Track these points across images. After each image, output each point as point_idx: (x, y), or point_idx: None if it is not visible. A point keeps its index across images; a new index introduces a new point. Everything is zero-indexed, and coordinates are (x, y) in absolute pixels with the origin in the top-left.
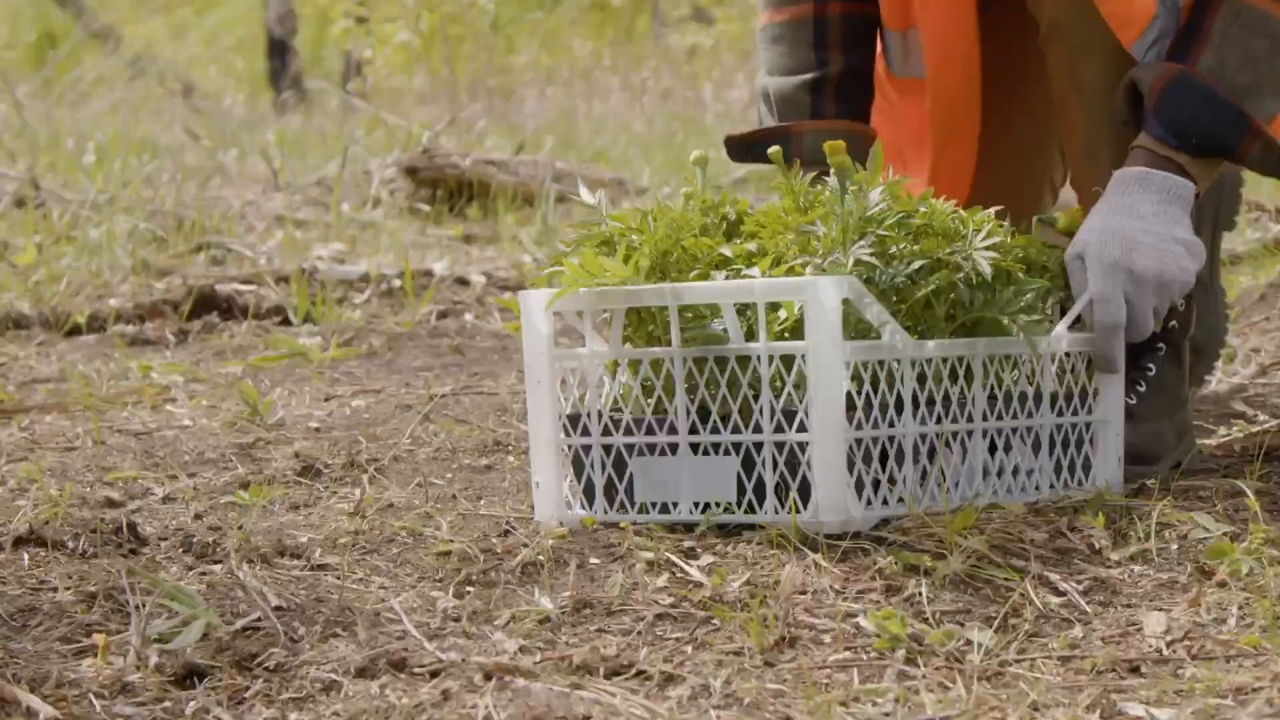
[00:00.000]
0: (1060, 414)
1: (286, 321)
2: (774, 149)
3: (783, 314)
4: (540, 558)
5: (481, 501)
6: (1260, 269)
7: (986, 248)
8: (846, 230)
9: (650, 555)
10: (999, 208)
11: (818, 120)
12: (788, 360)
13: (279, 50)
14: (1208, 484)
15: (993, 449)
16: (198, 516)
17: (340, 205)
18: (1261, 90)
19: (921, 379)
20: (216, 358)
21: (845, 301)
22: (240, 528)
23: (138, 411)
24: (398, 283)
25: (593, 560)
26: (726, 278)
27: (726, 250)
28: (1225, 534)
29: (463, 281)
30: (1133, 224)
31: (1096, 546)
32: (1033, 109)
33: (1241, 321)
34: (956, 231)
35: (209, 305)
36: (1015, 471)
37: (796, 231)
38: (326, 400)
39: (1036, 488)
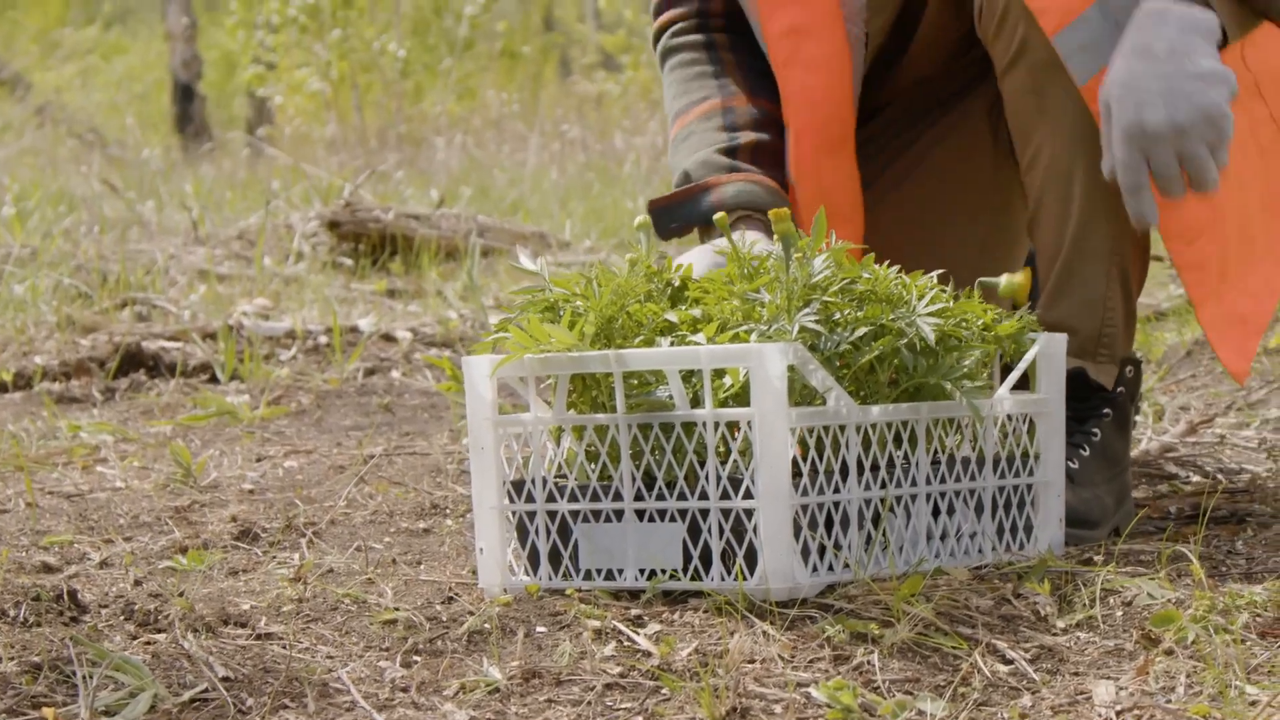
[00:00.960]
0: (1002, 476)
1: (214, 379)
2: (719, 215)
3: (728, 380)
4: (486, 625)
5: (422, 566)
6: (1185, 326)
7: (929, 314)
8: (791, 297)
9: (597, 624)
10: (941, 271)
11: (734, 174)
12: (732, 426)
13: (185, 96)
14: (1149, 548)
15: (936, 512)
16: (137, 583)
17: (262, 259)
18: None
19: (866, 444)
20: (144, 416)
21: (790, 368)
22: (182, 595)
23: (68, 472)
24: (324, 339)
25: (539, 629)
26: (671, 344)
27: (672, 316)
28: (1170, 600)
29: (389, 338)
30: (1146, 69)
31: (1042, 613)
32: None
33: (1168, 379)
34: (899, 297)
35: (135, 362)
36: (959, 535)
37: (741, 298)
38: (259, 461)
39: (980, 550)
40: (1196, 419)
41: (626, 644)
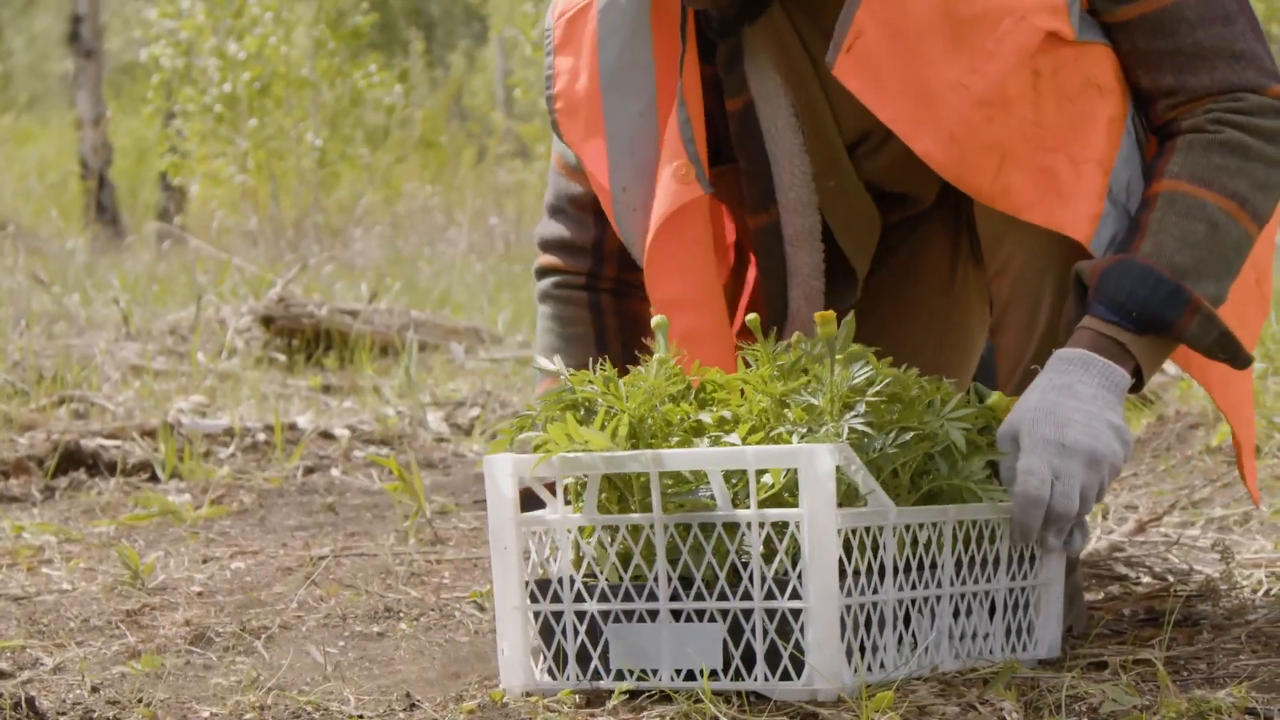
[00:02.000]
0: (1012, 578)
1: (154, 477)
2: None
3: (767, 479)
4: None
5: (378, 671)
6: (1129, 424)
7: (956, 419)
8: (834, 399)
9: None
10: (954, 380)
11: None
12: (776, 527)
13: (96, 184)
14: (1107, 651)
15: (956, 614)
16: (94, 689)
17: (196, 354)
18: (1201, 271)
19: (900, 545)
20: (86, 516)
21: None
22: (142, 702)
23: (13, 574)
24: (262, 436)
25: None
26: (708, 445)
27: (705, 417)
28: (1137, 707)
29: (327, 435)
30: (1069, 403)
31: None
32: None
33: None
34: (924, 401)
35: (75, 461)
36: (974, 636)
37: (777, 399)
38: (205, 562)
39: (990, 652)
40: (1145, 517)
41: None
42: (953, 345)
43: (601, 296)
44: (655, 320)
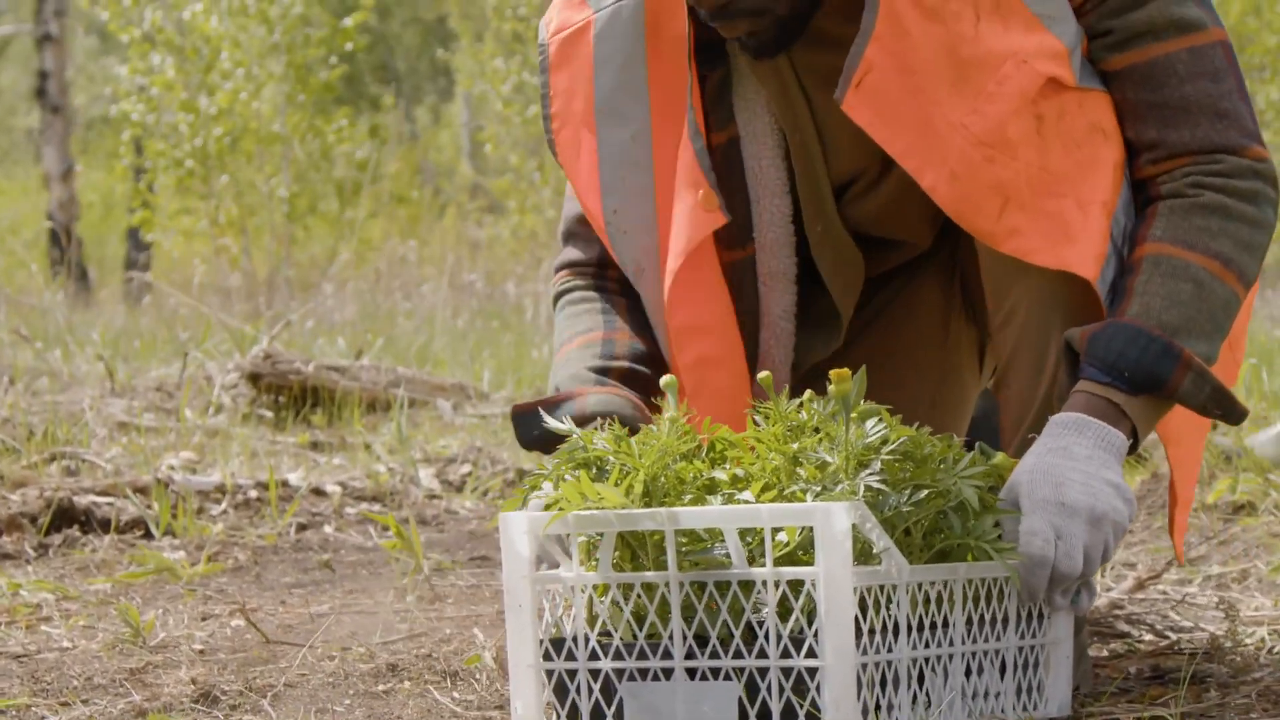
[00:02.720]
0: (1022, 636)
1: (147, 534)
2: (667, 378)
3: (781, 537)
4: None
5: None
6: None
7: (969, 477)
8: (848, 457)
9: None
10: (967, 439)
11: (600, 386)
12: (791, 585)
13: (63, 238)
14: (1119, 709)
15: (968, 672)
16: None
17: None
18: (1190, 329)
19: (913, 603)
20: (81, 573)
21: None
22: None
23: (12, 631)
24: (254, 493)
25: None
26: (722, 502)
27: (719, 474)
28: None
29: (319, 492)
30: (1065, 464)
31: None
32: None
33: None
34: (937, 459)
35: (68, 518)
36: (986, 694)
37: (789, 457)
38: (204, 620)
39: (1001, 711)
40: (1143, 575)
41: None
42: (945, 399)
43: (610, 289)
44: (664, 380)
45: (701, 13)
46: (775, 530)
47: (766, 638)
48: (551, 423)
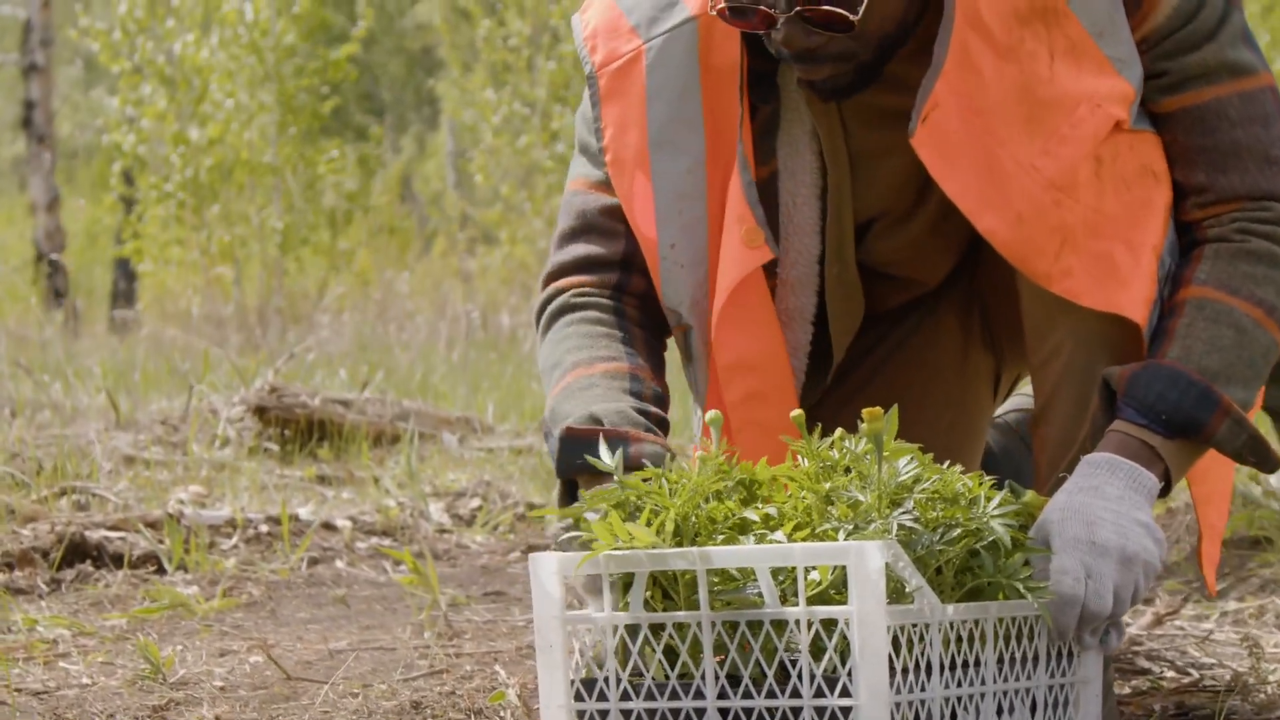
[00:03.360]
0: (1051, 675)
1: (160, 569)
2: (713, 414)
3: (814, 576)
4: None
5: None
6: None
7: (1000, 515)
8: (881, 496)
9: None
10: (995, 478)
11: (651, 434)
12: (822, 624)
13: (50, 268)
14: None
15: (999, 711)
16: None
17: (191, 445)
18: (1230, 376)
19: (945, 642)
20: (95, 608)
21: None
22: None
23: (30, 668)
24: (264, 527)
25: None
26: (754, 541)
27: (751, 514)
28: None
29: (329, 527)
30: (1096, 503)
31: None
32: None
33: None
34: (968, 497)
35: (80, 553)
36: None
37: (822, 496)
38: (222, 656)
39: None
40: (1161, 611)
41: None
42: (962, 431)
43: (627, 313)
44: (709, 416)
45: (784, 53)
46: (808, 569)
47: (800, 677)
48: (605, 456)
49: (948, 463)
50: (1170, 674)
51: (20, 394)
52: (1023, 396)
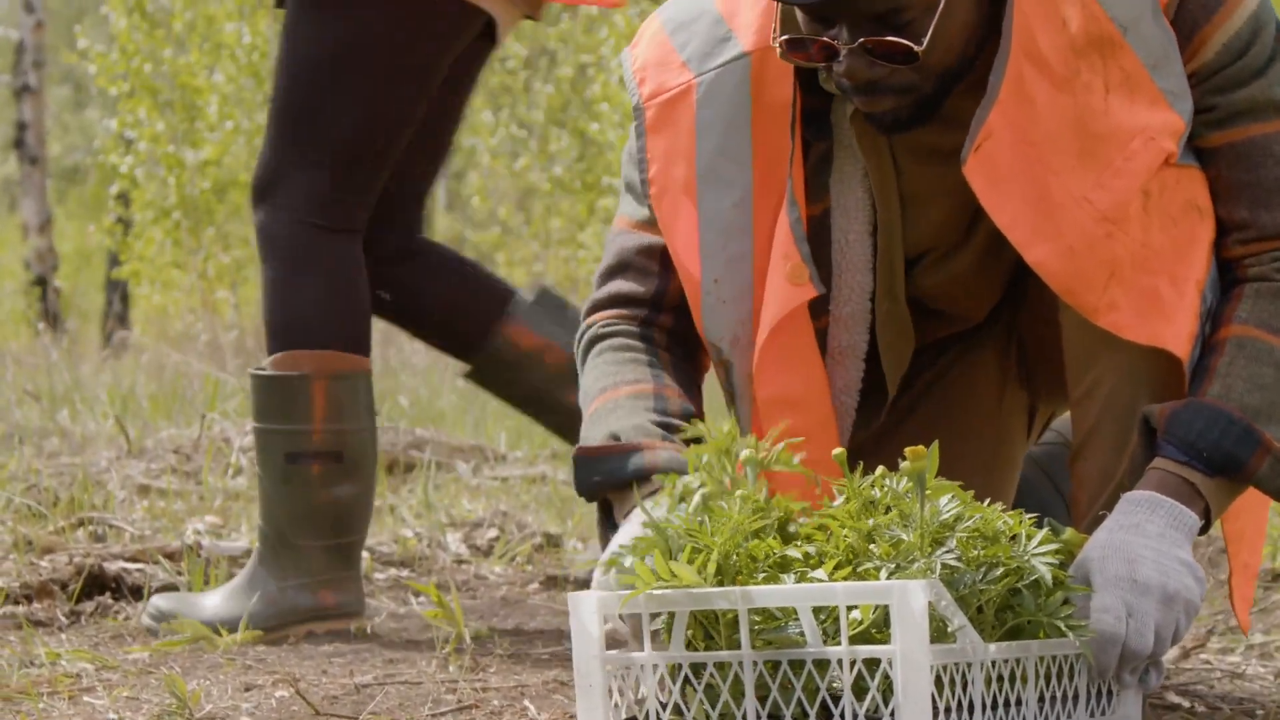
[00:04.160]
0: (1091, 714)
1: None
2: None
3: (855, 615)
4: None
5: None
6: None
7: (1042, 554)
8: (923, 534)
9: None
10: (1035, 515)
11: (668, 442)
12: (865, 663)
13: (42, 289)
14: None
15: None
16: None
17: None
18: (1271, 414)
19: (987, 681)
20: (115, 641)
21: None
22: None
23: (54, 702)
24: None
25: None
26: (795, 580)
27: (793, 552)
28: None
29: None
30: (1137, 541)
31: None
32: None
33: None
34: (1009, 535)
35: (99, 584)
36: None
37: (864, 534)
38: (248, 690)
39: None
40: (1188, 643)
41: None
42: (996, 464)
43: (655, 340)
44: (745, 455)
45: (845, 85)
46: (850, 608)
47: (843, 717)
48: (644, 512)
49: (987, 500)
50: (1202, 709)
51: (28, 421)
52: (1049, 431)
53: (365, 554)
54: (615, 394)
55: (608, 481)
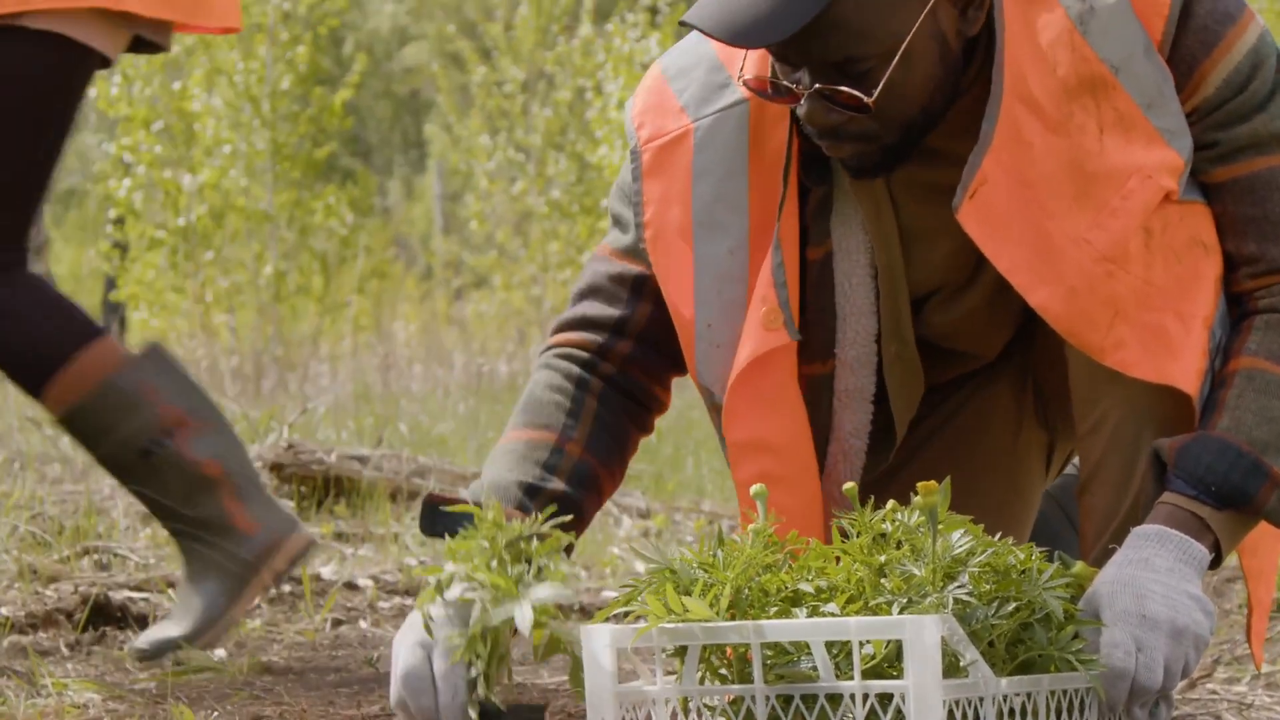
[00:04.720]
0: None
1: None
2: (758, 486)
3: (868, 649)
4: None
5: None
6: None
7: (1053, 588)
8: (935, 569)
9: None
10: (1045, 549)
11: (521, 514)
12: (877, 698)
13: None
14: None
15: None
16: None
17: None
18: None
19: (998, 715)
20: (121, 670)
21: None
22: None
23: None
24: (286, 587)
25: None
26: (807, 615)
27: (806, 586)
28: None
29: (351, 586)
30: (1146, 575)
31: None
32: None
33: None
34: (1020, 570)
35: (103, 614)
36: None
37: (875, 568)
38: None
39: None
40: (1195, 674)
41: None
42: (1012, 503)
43: (602, 371)
44: (754, 489)
45: (809, 129)
46: (862, 642)
47: None
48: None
49: (999, 535)
50: None
51: (30, 447)
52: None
53: (369, 582)
54: (519, 435)
55: (449, 533)
